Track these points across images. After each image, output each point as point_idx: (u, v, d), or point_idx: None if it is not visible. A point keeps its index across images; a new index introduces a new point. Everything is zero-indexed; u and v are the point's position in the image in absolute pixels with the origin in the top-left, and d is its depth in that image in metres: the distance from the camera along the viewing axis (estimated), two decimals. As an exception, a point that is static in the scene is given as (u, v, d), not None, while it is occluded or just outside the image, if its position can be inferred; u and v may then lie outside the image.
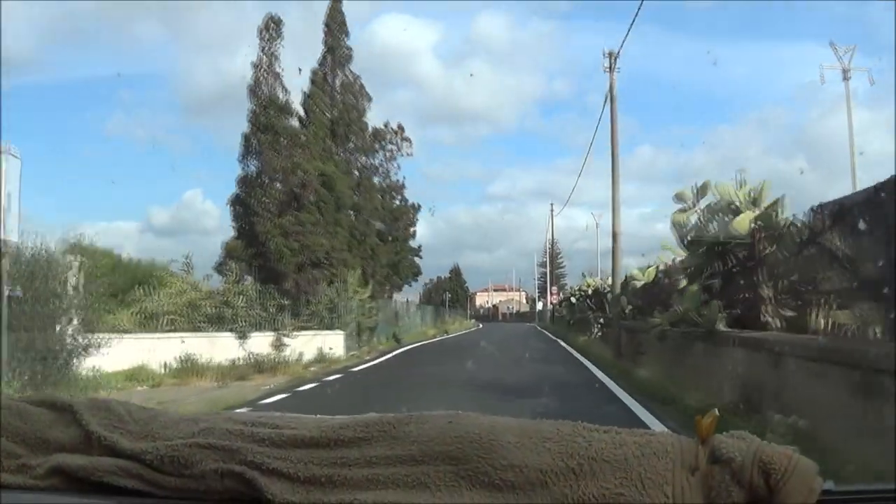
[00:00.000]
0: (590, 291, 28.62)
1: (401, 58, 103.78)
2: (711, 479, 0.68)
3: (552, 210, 50.72)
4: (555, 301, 47.13)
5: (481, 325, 69.09)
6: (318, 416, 0.88)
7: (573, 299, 31.80)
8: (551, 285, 50.65)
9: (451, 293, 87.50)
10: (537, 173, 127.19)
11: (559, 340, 27.11)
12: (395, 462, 0.75)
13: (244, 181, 19.48)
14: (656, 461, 0.69)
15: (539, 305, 78.06)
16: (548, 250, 59.27)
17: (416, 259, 33.59)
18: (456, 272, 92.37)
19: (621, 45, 18.55)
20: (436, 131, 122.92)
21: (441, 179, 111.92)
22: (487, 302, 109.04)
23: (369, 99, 26.21)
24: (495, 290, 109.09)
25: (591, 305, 26.91)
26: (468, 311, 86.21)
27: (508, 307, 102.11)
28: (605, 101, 18.48)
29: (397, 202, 27.25)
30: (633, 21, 16.15)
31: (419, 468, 0.73)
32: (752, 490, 0.66)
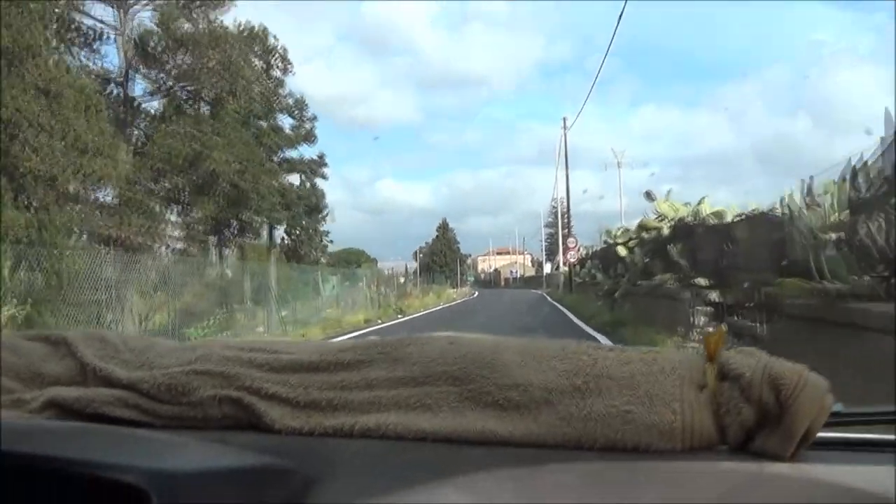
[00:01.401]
0: (665, 230, 13.01)
1: (399, 24, 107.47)
2: (720, 396, 0.65)
3: (565, 125, 34.58)
4: (573, 260, 31.50)
5: (475, 294, 54.52)
6: (318, 341, 0.85)
7: (622, 250, 16.08)
8: (567, 236, 34.59)
9: (437, 256, 72.36)
10: (539, 136, 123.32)
11: (605, 340, 11.57)
12: (397, 384, 0.72)
13: None
14: (664, 378, 0.66)
15: (547, 268, 64.22)
16: (558, 210, 43.36)
17: (318, 186, 18.13)
18: (443, 228, 76.43)
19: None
20: (436, 97, 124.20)
21: (442, 145, 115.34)
22: (490, 266, 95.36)
23: None
24: (498, 254, 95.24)
25: (678, 261, 11.40)
26: (459, 277, 70.64)
27: (512, 271, 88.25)
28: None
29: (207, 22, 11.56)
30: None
31: (421, 389, 0.71)
32: (762, 406, 0.63)
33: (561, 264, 45.57)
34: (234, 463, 0.60)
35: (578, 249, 31.26)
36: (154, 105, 12.01)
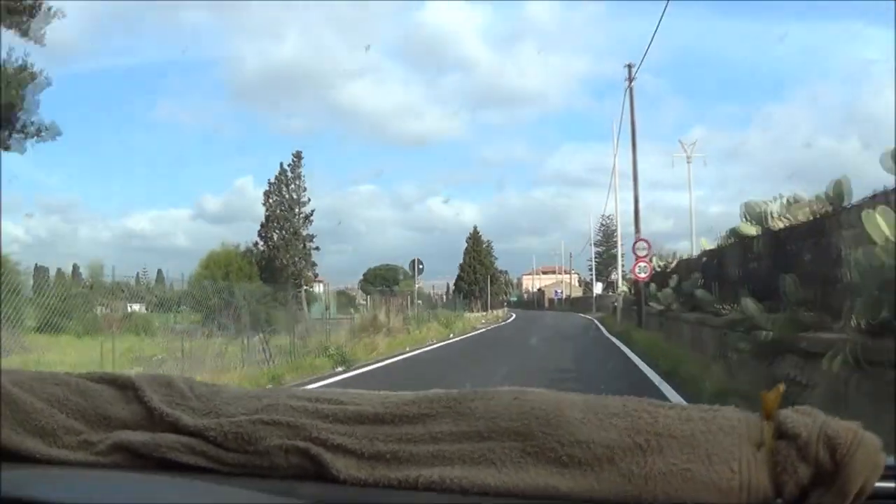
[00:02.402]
0: None
1: (450, 42, 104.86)
2: (777, 455, 0.67)
3: (630, 74, 23.74)
4: (643, 275, 20.62)
5: (511, 318, 45.60)
6: (382, 392, 0.83)
7: (883, 227, 5.58)
8: (637, 236, 23.16)
9: (465, 272, 61.86)
10: (588, 155, 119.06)
11: None
12: (461, 438, 0.73)
13: None
14: (723, 437, 0.68)
15: (598, 288, 53.51)
16: (616, 222, 32.34)
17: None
18: (474, 239, 65.06)
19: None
20: (486, 115, 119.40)
21: (492, 163, 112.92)
22: (533, 286, 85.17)
23: None
24: (543, 273, 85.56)
25: None
26: (489, 298, 59.87)
27: (557, 291, 78.64)
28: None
29: None
30: None
31: (484, 444, 0.72)
32: (818, 465, 0.65)
33: (619, 283, 34.50)
34: None
35: (651, 260, 20.45)
36: None
